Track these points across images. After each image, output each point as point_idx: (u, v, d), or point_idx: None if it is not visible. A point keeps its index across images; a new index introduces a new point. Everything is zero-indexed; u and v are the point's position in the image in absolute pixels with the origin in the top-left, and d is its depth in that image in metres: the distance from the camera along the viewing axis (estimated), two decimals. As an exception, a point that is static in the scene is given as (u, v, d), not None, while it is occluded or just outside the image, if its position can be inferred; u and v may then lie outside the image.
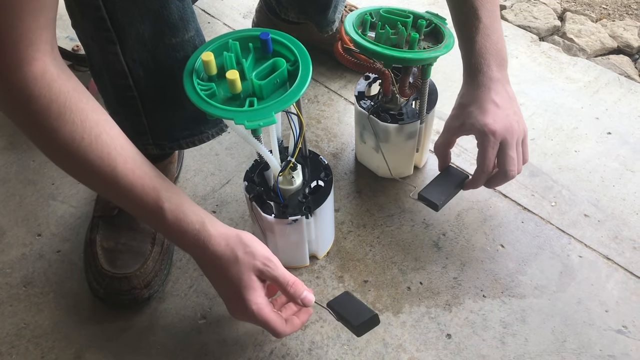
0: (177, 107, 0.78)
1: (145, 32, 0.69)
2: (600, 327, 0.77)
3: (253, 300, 0.67)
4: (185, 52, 0.72)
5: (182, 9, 0.70)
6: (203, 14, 1.27)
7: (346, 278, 0.84)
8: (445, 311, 0.80)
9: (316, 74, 1.12)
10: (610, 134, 1.00)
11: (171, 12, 0.69)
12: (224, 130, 0.86)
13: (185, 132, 0.82)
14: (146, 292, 0.80)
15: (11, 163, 1.02)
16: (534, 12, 1.30)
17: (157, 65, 0.72)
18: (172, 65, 0.72)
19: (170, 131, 0.82)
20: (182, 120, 0.81)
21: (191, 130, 0.83)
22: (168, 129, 0.82)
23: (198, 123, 0.83)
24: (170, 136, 0.83)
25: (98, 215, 0.86)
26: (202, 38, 0.75)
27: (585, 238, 0.86)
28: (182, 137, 0.83)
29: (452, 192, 0.83)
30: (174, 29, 0.70)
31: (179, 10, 0.70)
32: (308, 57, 0.64)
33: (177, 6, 0.69)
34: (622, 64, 1.19)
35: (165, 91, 0.77)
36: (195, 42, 0.73)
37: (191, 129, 0.82)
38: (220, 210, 0.92)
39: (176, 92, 0.75)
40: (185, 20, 0.71)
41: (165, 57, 0.71)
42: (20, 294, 0.85)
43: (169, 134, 0.82)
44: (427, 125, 0.87)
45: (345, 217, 0.91)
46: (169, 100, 0.78)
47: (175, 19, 0.69)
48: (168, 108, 0.80)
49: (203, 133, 0.84)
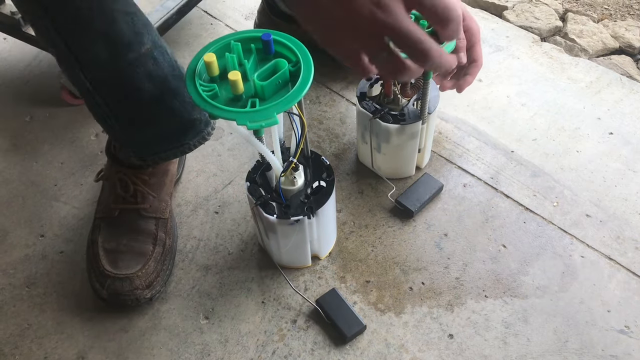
0: (150, 122, 0.78)
1: (101, 54, 0.69)
2: (603, 327, 0.77)
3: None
4: (145, 67, 0.72)
5: (132, 22, 0.69)
6: (205, 15, 1.28)
7: (348, 278, 0.84)
8: (447, 311, 0.80)
9: (318, 75, 1.11)
10: (612, 134, 1.00)
11: (122, 29, 0.69)
12: (206, 139, 0.86)
13: (164, 146, 0.83)
14: (148, 293, 0.80)
15: (14, 164, 1.02)
16: (535, 12, 1.30)
17: (119, 84, 0.73)
18: (134, 82, 0.72)
19: (147, 145, 0.83)
20: (158, 134, 0.81)
21: (170, 143, 0.83)
22: (145, 143, 0.83)
23: (177, 135, 0.83)
24: (148, 150, 0.83)
25: (100, 216, 0.86)
26: (161, 49, 0.75)
27: (587, 238, 0.86)
28: (162, 151, 0.83)
29: (428, 199, 0.90)
30: (128, 46, 0.70)
31: (129, 24, 0.69)
32: (310, 58, 0.64)
33: (127, 21, 0.69)
34: (624, 64, 1.19)
35: (133, 109, 0.77)
36: (154, 53, 0.73)
37: (170, 141, 0.83)
38: (222, 211, 0.93)
39: (145, 109, 0.76)
40: (139, 33, 0.70)
41: (125, 75, 0.71)
42: (23, 294, 0.85)
43: (147, 148, 0.83)
44: (428, 125, 0.87)
45: (347, 218, 0.91)
46: (138, 117, 0.78)
47: (128, 35, 0.69)
48: (140, 124, 0.80)
49: (184, 145, 0.84)
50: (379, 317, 0.80)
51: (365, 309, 0.81)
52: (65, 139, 1.05)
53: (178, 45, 1.21)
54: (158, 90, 0.76)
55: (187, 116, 0.81)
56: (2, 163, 1.02)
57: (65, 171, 1.00)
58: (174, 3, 1.11)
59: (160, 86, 0.76)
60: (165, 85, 0.76)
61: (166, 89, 0.76)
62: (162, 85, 0.76)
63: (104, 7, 0.67)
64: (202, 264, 0.87)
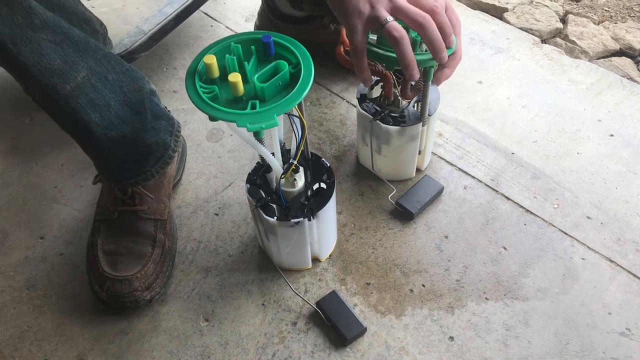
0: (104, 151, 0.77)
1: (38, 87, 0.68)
2: (604, 330, 0.77)
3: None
4: (86, 96, 0.71)
5: (61, 51, 0.67)
6: (206, 17, 1.28)
7: (348, 280, 0.84)
8: (447, 314, 0.80)
9: (318, 77, 1.12)
10: (613, 136, 1.00)
11: (51, 60, 0.66)
12: (168, 163, 0.86)
13: (125, 174, 0.82)
14: (147, 294, 0.80)
15: (14, 166, 1.02)
16: (536, 14, 1.30)
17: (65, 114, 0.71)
18: (79, 113, 0.71)
19: (109, 173, 0.83)
20: (115, 162, 0.81)
21: (130, 172, 0.83)
22: (107, 170, 0.83)
23: (136, 164, 0.82)
24: (111, 177, 0.83)
25: (99, 218, 0.86)
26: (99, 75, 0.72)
27: (588, 240, 0.86)
28: (123, 179, 0.83)
29: (428, 201, 0.90)
30: (62, 76, 0.68)
31: (59, 54, 0.67)
32: (310, 60, 0.64)
33: (55, 50, 0.67)
34: (625, 66, 1.19)
35: (84, 138, 0.76)
36: (92, 81, 0.71)
37: (129, 170, 0.82)
38: (222, 213, 0.93)
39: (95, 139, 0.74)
40: (71, 61, 0.68)
41: (67, 106, 0.70)
42: (23, 296, 0.85)
43: (110, 175, 0.83)
44: (429, 127, 0.87)
45: (348, 220, 0.91)
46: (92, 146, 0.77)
47: (59, 64, 0.67)
48: (95, 152, 0.79)
49: (145, 172, 0.83)
50: (380, 320, 0.80)
51: (366, 311, 0.80)
52: (65, 141, 1.04)
53: (178, 47, 1.21)
54: (105, 120, 0.74)
55: (142, 142, 0.80)
56: (2, 165, 1.02)
57: (65, 173, 1.00)
58: (172, 9, 1.11)
59: (106, 114, 0.74)
60: (110, 112, 0.74)
61: (113, 117, 0.74)
62: (108, 113, 0.74)
63: (29, 39, 0.64)
64: (202, 266, 0.87)
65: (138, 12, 1.26)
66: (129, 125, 0.77)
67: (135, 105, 0.77)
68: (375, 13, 0.68)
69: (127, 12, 1.26)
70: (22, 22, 0.63)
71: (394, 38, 0.68)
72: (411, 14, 0.68)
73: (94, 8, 1.19)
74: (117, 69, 0.75)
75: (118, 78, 0.75)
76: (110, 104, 0.74)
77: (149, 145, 0.82)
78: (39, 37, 0.65)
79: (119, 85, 0.75)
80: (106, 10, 1.21)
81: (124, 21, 1.20)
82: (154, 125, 0.82)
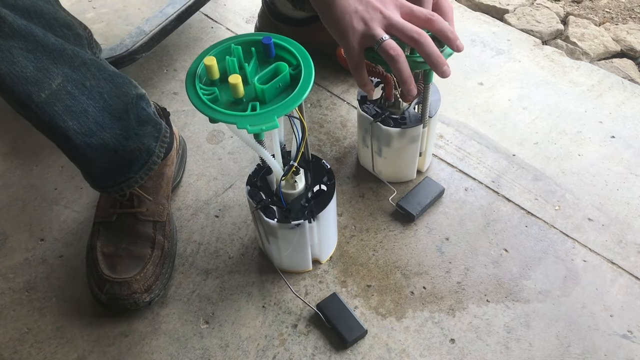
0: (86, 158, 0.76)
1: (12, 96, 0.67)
2: (605, 332, 0.77)
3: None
4: (63, 103, 0.70)
5: (34, 59, 0.66)
6: (206, 19, 1.28)
7: (349, 282, 0.83)
8: (448, 316, 0.79)
9: (319, 78, 1.12)
10: (614, 138, 0.99)
11: (24, 68, 0.65)
12: (152, 169, 0.85)
13: (108, 181, 0.82)
14: (147, 297, 0.80)
15: (14, 168, 1.02)
16: (536, 16, 1.30)
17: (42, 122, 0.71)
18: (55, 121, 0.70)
19: (92, 180, 0.82)
20: (97, 169, 0.80)
21: (114, 179, 0.82)
22: (91, 178, 0.82)
23: (119, 170, 0.81)
24: (95, 184, 0.83)
25: (98, 221, 0.86)
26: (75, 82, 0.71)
27: (589, 242, 0.86)
28: (108, 186, 0.82)
29: (429, 203, 0.90)
30: (36, 84, 0.67)
31: (32, 61, 0.66)
32: (310, 61, 0.63)
33: (28, 57, 0.65)
34: (626, 67, 1.19)
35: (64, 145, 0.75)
36: (67, 88, 0.70)
37: (113, 177, 0.81)
38: (223, 215, 0.92)
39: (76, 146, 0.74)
40: (44, 69, 0.67)
41: (44, 114, 0.69)
42: (23, 298, 0.85)
43: (94, 182, 0.82)
44: (429, 129, 0.87)
45: (348, 222, 0.90)
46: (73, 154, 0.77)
47: (32, 72, 0.66)
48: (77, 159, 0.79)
49: (130, 179, 0.82)
50: (380, 322, 0.79)
51: (367, 313, 0.80)
52: (66, 143, 1.04)
53: (179, 49, 1.21)
54: (84, 127, 0.73)
55: (123, 148, 0.79)
56: (2, 167, 1.02)
57: (66, 175, 1.00)
58: (173, 9, 1.10)
59: (84, 121, 0.73)
60: (88, 119, 0.73)
61: (92, 123, 0.73)
62: (86, 120, 0.73)
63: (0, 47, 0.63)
64: (203, 268, 0.86)
65: (139, 12, 1.26)
66: (109, 132, 0.75)
67: (117, 112, 0.76)
68: (370, 31, 0.68)
69: (128, 12, 1.26)
70: None
71: (390, 57, 0.68)
72: (406, 31, 0.68)
73: (95, 9, 1.19)
74: (97, 75, 0.74)
75: (98, 84, 0.74)
76: (88, 111, 0.73)
77: (132, 152, 0.80)
78: (10, 45, 0.64)
79: (99, 92, 0.74)
80: (107, 10, 1.21)
81: (125, 22, 1.20)
82: (138, 132, 0.81)
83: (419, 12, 0.69)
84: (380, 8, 0.68)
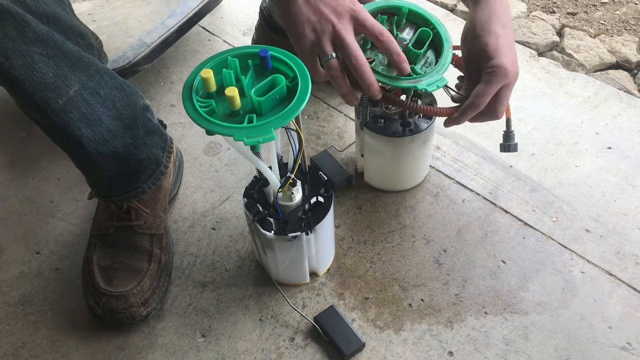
0: (96, 166, 0.77)
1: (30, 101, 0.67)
2: (604, 344, 0.77)
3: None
4: (78, 110, 0.70)
5: (54, 65, 0.67)
6: (203, 31, 1.28)
7: (347, 295, 0.83)
8: (446, 328, 0.79)
9: (315, 90, 1.12)
10: (611, 149, 1.00)
11: (44, 74, 0.66)
12: (160, 179, 0.86)
13: (116, 190, 0.82)
14: (144, 310, 0.79)
15: (10, 180, 1.01)
16: (532, 27, 1.30)
17: (57, 129, 0.71)
18: (70, 128, 0.71)
19: (100, 188, 0.82)
20: (106, 178, 0.80)
21: (122, 188, 0.82)
22: (99, 186, 0.82)
23: (127, 179, 0.82)
24: (103, 193, 0.83)
25: (95, 234, 0.85)
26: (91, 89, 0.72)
27: (587, 253, 0.86)
28: (114, 195, 0.83)
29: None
30: (54, 90, 0.67)
31: (52, 68, 0.67)
32: (307, 74, 0.64)
33: (48, 64, 0.66)
34: (621, 79, 1.19)
35: (75, 152, 0.76)
36: (84, 95, 0.71)
37: (121, 186, 0.82)
38: (219, 227, 0.92)
39: (88, 154, 0.74)
40: (63, 75, 0.68)
41: (59, 120, 0.70)
42: (18, 312, 0.84)
43: (101, 191, 0.83)
44: (427, 140, 0.87)
45: (346, 233, 0.90)
46: (84, 161, 0.77)
47: (51, 78, 0.67)
48: (87, 167, 0.79)
49: (137, 188, 0.83)
50: (378, 335, 0.79)
51: (364, 326, 0.80)
52: (62, 155, 1.03)
53: (176, 61, 1.21)
54: (97, 135, 0.73)
55: (134, 157, 0.80)
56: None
57: (62, 187, 1.00)
58: (174, 21, 1.11)
59: (98, 129, 0.73)
60: (102, 127, 0.74)
61: (105, 132, 0.74)
62: (100, 128, 0.73)
63: (21, 52, 0.64)
64: (199, 280, 0.86)
65: (140, 24, 1.26)
66: (120, 141, 0.76)
67: (128, 121, 0.77)
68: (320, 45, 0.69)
69: (128, 25, 1.27)
70: (15, 35, 0.63)
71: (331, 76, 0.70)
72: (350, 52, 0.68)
73: (96, 22, 1.20)
74: (110, 83, 0.75)
75: (110, 93, 0.75)
76: (102, 119, 0.74)
77: (141, 161, 0.82)
78: (32, 51, 0.65)
79: (112, 100, 0.75)
80: (107, 23, 1.21)
81: (126, 34, 1.20)
82: (146, 141, 0.82)
83: (370, 27, 0.69)
84: (333, 21, 0.67)
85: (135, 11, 1.33)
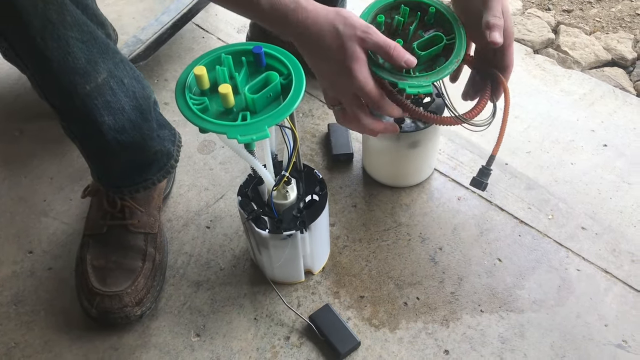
0: (112, 154, 0.77)
1: (57, 83, 0.67)
2: (600, 342, 0.76)
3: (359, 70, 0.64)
4: (103, 98, 0.71)
5: (87, 50, 0.67)
6: (197, 29, 1.27)
7: (342, 294, 0.83)
8: (442, 327, 0.79)
9: (310, 88, 1.11)
10: (606, 146, 0.99)
11: (77, 59, 0.66)
12: (170, 172, 0.86)
13: (126, 181, 0.82)
14: (138, 310, 0.79)
15: (2, 179, 1.00)
16: (528, 25, 1.30)
17: (79, 115, 0.71)
18: (93, 114, 0.71)
19: (110, 179, 0.82)
20: (119, 168, 0.80)
21: (132, 179, 0.82)
22: (108, 177, 0.82)
23: (139, 171, 0.82)
24: (111, 184, 0.83)
25: (88, 233, 0.85)
26: (117, 78, 0.72)
27: (583, 251, 0.86)
28: (124, 186, 0.83)
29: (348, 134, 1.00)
30: (84, 76, 0.68)
31: (85, 53, 0.67)
32: (301, 71, 0.63)
33: (82, 49, 0.67)
34: (617, 76, 1.19)
35: (94, 140, 0.76)
36: (110, 83, 0.71)
37: (132, 177, 0.82)
38: (214, 226, 0.91)
39: (106, 142, 0.74)
40: (94, 62, 0.69)
41: (84, 106, 0.70)
42: (10, 312, 0.83)
43: (110, 182, 0.82)
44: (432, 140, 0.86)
45: (341, 232, 0.90)
46: (100, 149, 0.77)
47: (83, 64, 0.67)
48: (101, 157, 0.79)
49: (147, 180, 0.84)
50: (374, 333, 0.78)
51: (360, 324, 0.79)
52: (55, 154, 1.03)
53: (170, 59, 1.20)
54: (118, 124, 0.74)
55: (149, 149, 0.80)
56: (-9, 178, 1.01)
57: (55, 186, 0.99)
58: (169, 17, 1.10)
59: (120, 118, 0.74)
60: (124, 116, 0.74)
61: (126, 121, 0.75)
62: (122, 117, 0.74)
63: (59, 35, 0.64)
64: (193, 280, 0.85)
65: (134, 21, 1.25)
66: (138, 131, 0.77)
67: (145, 112, 0.78)
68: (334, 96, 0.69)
69: (123, 22, 1.26)
70: (56, 18, 0.63)
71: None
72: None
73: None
74: (131, 74, 0.76)
75: (131, 83, 0.75)
76: (125, 108, 0.74)
77: (155, 153, 0.82)
78: (68, 35, 0.65)
79: (132, 91, 0.76)
80: (101, 21, 1.20)
81: (121, 31, 1.19)
82: (159, 134, 0.83)
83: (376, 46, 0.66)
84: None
85: (129, 8, 1.32)
